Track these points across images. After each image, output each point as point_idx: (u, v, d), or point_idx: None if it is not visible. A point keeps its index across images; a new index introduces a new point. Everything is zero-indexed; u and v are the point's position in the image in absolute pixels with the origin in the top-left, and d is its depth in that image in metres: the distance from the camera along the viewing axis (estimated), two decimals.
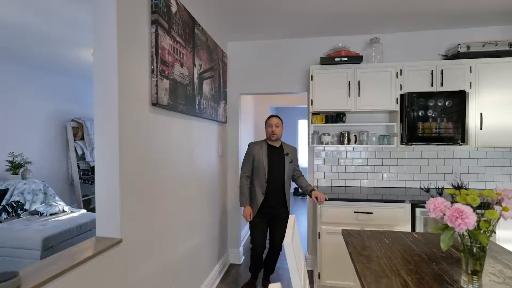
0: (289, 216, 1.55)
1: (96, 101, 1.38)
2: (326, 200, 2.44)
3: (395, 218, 2.43)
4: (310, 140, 2.97)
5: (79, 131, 5.44)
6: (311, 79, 2.83)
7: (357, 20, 2.70)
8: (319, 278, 2.55)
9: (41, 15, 2.56)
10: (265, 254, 2.75)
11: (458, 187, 0.99)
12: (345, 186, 3.11)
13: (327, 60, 2.77)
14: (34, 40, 3.21)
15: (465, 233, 0.99)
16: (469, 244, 0.98)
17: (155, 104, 1.65)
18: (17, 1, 2.29)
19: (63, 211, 3.64)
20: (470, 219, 0.87)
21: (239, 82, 3.30)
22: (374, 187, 3.06)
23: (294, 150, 2.71)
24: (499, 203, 0.93)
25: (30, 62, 4.12)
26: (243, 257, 3.46)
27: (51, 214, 3.48)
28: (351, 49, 3.02)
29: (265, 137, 2.67)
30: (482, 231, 0.92)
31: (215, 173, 2.86)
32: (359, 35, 3.06)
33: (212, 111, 2.65)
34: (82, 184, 5.56)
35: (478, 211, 0.95)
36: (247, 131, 4.43)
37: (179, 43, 1.92)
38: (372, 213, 2.46)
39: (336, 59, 2.75)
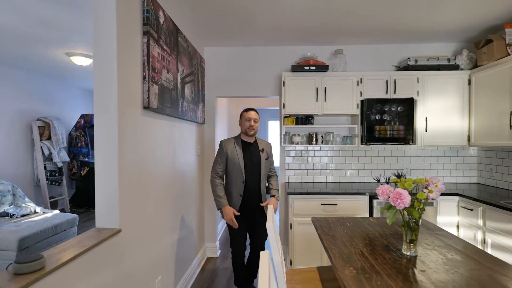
0: (268, 207, 1.78)
1: (96, 105, 1.51)
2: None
3: (356, 208, 2.78)
4: (282, 140, 3.26)
5: (45, 130, 5.26)
6: (283, 85, 3.11)
7: (324, 33, 3.02)
8: (291, 264, 2.84)
9: (13, 13, 2.56)
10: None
11: (399, 176, 1.30)
12: (313, 182, 3.44)
13: (298, 68, 3.07)
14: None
15: (405, 212, 1.30)
16: (407, 219, 1.29)
17: (147, 107, 1.82)
18: None
19: (35, 212, 3.58)
20: (407, 199, 1.18)
21: (216, 85, 3.50)
22: (339, 182, 3.43)
23: (269, 146, 2.58)
24: (427, 187, 1.25)
25: None
26: (219, 250, 3.66)
27: (22, 216, 3.41)
28: (318, 58, 3.36)
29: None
30: (416, 208, 1.23)
31: (194, 171, 3.03)
32: (325, 45, 3.40)
33: (192, 113, 2.82)
34: (49, 186, 5.39)
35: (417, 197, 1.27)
36: (222, 131, 4.62)
37: (166, 51, 2.09)
38: (336, 204, 2.79)
39: (305, 67, 3.06)
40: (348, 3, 2.37)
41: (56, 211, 3.71)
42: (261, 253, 1.03)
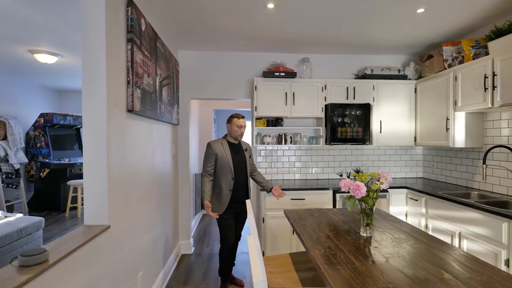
0: (246, 201, 1.99)
1: (85, 109, 1.60)
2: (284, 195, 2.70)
3: (322, 202, 3.09)
4: (254, 140, 3.47)
5: (0, 130, 4.93)
6: (255, 89, 3.32)
7: (293, 43, 3.29)
8: (263, 255, 3.06)
9: None
10: None
11: (358, 171, 1.57)
12: (283, 179, 3.70)
13: (269, 74, 3.31)
14: None
15: (362, 202, 1.58)
16: (364, 207, 1.57)
17: (131, 111, 1.92)
18: None
19: None
20: (363, 190, 1.45)
21: (190, 88, 3.61)
22: (306, 179, 3.73)
23: (249, 146, 2.84)
24: (379, 180, 1.54)
25: None
26: (193, 247, 3.78)
27: None
28: (287, 65, 3.63)
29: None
30: (370, 197, 1.51)
31: (169, 170, 3.13)
32: (293, 53, 3.68)
33: (168, 114, 2.92)
34: (5, 189, 5.06)
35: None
36: (194, 132, 4.72)
37: (147, 56, 2.19)
38: (304, 199, 3.08)
39: (275, 74, 3.30)
40: (315, 21, 2.65)
41: (20, 215, 3.56)
42: (248, 238, 1.23)
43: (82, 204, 5.65)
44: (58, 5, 2.44)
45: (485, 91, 2.45)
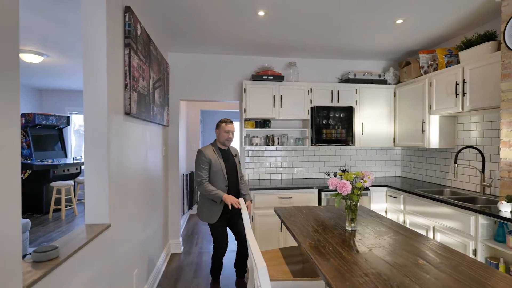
0: (240, 200, 2.10)
1: (86, 112, 1.66)
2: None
3: (308, 200, 3.25)
4: (243, 141, 3.58)
5: None
6: (244, 92, 3.44)
7: (280, 48, 3.43)
8: None
9: None
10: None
11: (344, 171, 1.73)
12: (270, 179, 3.84)
13: (257, 77, 3.43)
14: None
15: (348, 199, 1.73)
16: (349, 203, 1.72)
17: (128, 113, 1.98)
18: None
19: None
20: (349, 187, 1.60)
21: (179, 89, 3.68)
22: (292, 178, 3.88)
23: (237, 151, 2.90)
24: (362, 178, 1.69)
25: None
26: (183, 247, 3.84)
27: None
28: (275, 68, 3.77)
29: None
30: (355, 194, 1.67)
31: (160, 171, 3.19)
32: (281, 57, 3.82)
33: (159, 116, 2.99)
34: None
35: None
36: (182, 133, 4.77)
37: (142, 60, 2.26)
38: (291, 197, 3.22)
39: (264, 77, 3.43)
40: (303, 29, 2.80)
41: None
42: (247, 232, 1.35)
43: (66, 206, 5.56)
44: (47, 5, 2.45)
45: (456, 97, 2.68)
